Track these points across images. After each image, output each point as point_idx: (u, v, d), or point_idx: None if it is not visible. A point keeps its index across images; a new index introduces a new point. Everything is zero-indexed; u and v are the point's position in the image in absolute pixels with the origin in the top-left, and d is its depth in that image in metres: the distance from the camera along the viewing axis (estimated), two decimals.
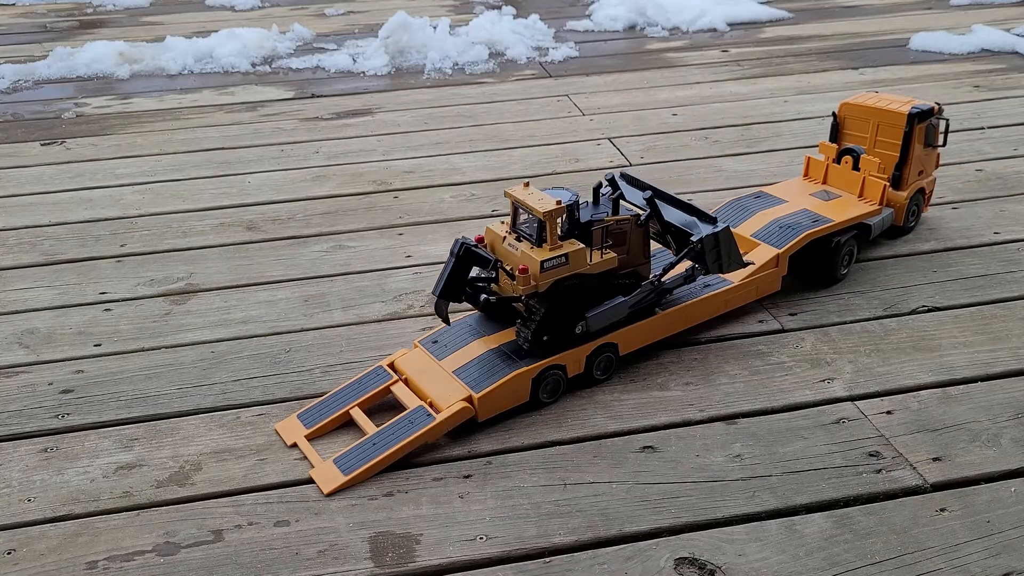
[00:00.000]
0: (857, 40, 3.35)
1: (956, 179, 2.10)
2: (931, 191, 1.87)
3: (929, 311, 1.59)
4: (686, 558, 1.09)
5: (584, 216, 1.34)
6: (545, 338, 1.31)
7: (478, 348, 1.38)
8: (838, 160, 1.77)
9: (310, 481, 1.23)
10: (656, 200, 1.43)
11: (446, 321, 1.37)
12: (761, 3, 3.87)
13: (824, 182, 1.79)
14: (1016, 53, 3.08)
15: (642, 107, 2.70)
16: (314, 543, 1.13)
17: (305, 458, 1.27)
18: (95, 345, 1.57)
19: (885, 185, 1.68)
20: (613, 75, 3.04)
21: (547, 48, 3.35)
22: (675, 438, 1.29)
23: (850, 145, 1.76)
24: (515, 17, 3.68)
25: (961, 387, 1.38)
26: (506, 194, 1.31)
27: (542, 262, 1.26)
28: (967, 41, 3.15)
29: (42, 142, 2.58)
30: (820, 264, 1.64)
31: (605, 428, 1.32)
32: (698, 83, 2.91)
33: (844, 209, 1.67)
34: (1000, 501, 1.16)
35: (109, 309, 1.69)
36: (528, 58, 3.27)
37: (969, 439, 1.27)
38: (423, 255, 1.85)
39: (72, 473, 1.26)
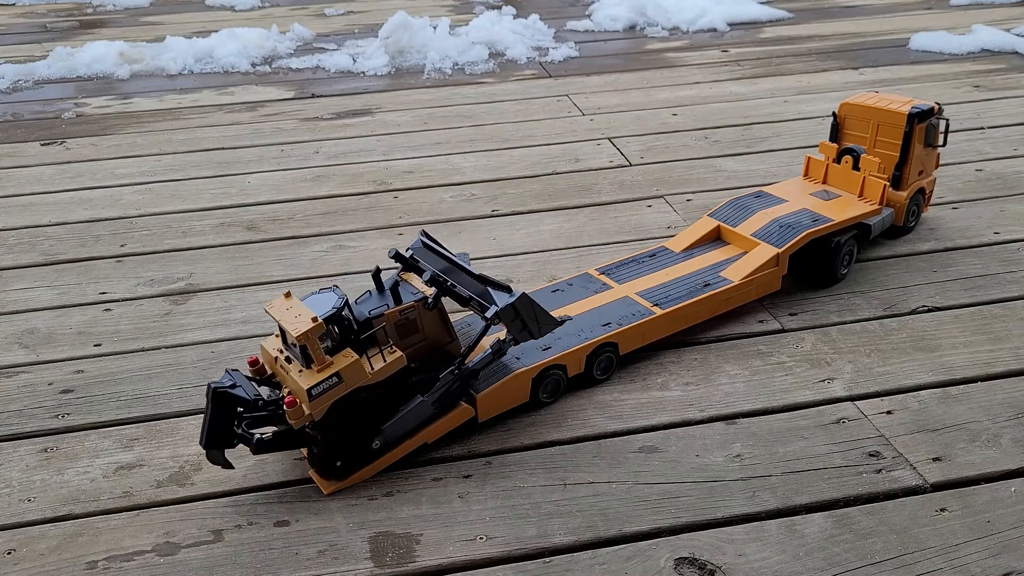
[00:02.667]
0: (857, 40, 3.35)
1: (956, 179, 2.10)
2: (931, 191, 1.87)
3: (929, 311, 1.59)
4: (686, 558, 1.09)
5: (363, 311, 1.21)
6: (339, 463, 1.19)
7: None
8: (838, 160, 1.77)
9: (310, 481, 1.23)
10: (446, 275, 1.27)
11: (227, 466, 1.18)
12: (761, 3, 3.87)
13: (824, 182, 1.79)
14: (1016, 53, 3.08)
15: (642, 107, 2.70)
16: (314, 543, 1.13)
17: (305, 458, 1.26)
18: (95, 345, 1.57)
19: (885, 185, 1.68)
20: (613, 75, 3.04)
21: (547, 48, 3.35)
22: (675, 438, 1.29)
23: (850, 145, 1.76)
24: (515, 17, 3.68)
25: (961, 387, 1.38)
26: (266, 311, 1.17)
27: (309, 390, 1.12)
28: (967, 41, 3.15)
29: (42, 142, 2.58)
30: (820, 264, 1.64)
31: (605, 428, 1.32)
32: (698, 83, 2.91)
33: (844, 209, 1.67)
34: (1000, 501, 1.16)
35: (109, 309, 1.69)
36: (528, 58, 3.27)
37: (969, 439, 1.27)
38: None
39: (72, 473, 1.26)
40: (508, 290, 1.24)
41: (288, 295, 1.18)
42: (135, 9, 4.38)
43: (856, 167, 1.73)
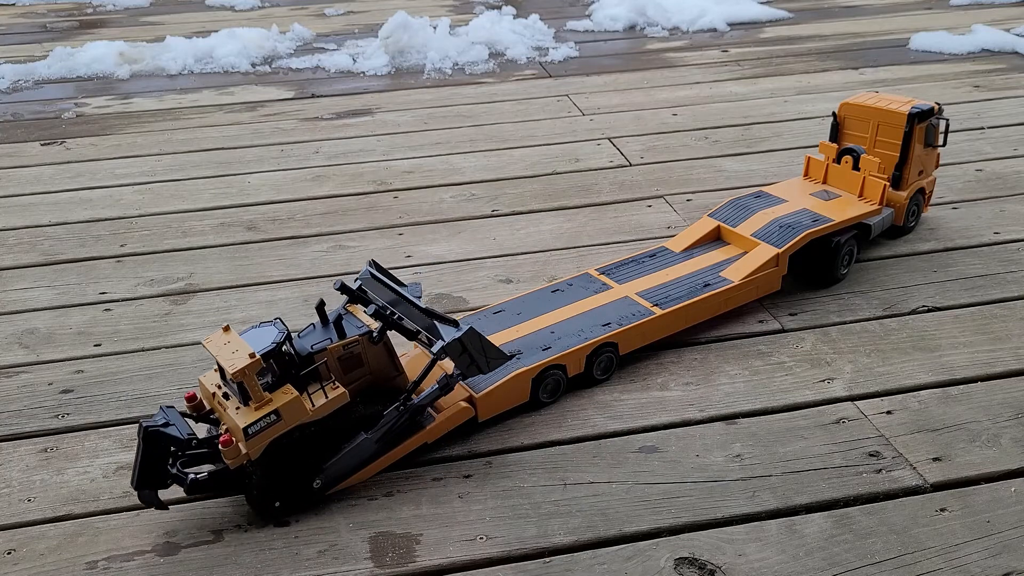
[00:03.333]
0: (857, 40, 3.35)
1: (956, 179, 2.10)
2: (931, 191, 1.87)
3: (929, 311, 1.58)
4: (686, 558, 1.09)
5: (305, 345, 1.17)
6: (278, 504, 1.15)
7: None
8: (838, 160, 1.77)
9: None
10: (392, 308, 1.24)
11: (161, 507, 1.13)
12: (761, 3, 3.87)
13: (824, 182, 1.79)
14: (1016, 53, 3.08)
15: (642, 107, 2.70)
16: (314, 543, 1.13)
17: None
18: (95, 345, 1.57)
19: (885, 185, 1.68)
20: (613, 75, 3.04)
21: (547, 48, 3.35)
22: (675, 438, 1.29)
23: (850, 145, 1.76)
24: (515, 17, 3.68)
25: (961, 387, 1.38)
26: (202, 345, 1.13)
27: (245, 428, 1.08)
28: (967, 41, 3.15)
29: (42, 142, 2.58)
30: (820, 264, 1.64)
31: (605, 428, 1.32)
32: (698, 83, 2.91)
33: (844, 209, 1.67)
34: (1000, 501, 1.16)
35: (109, 309, 1.69)
36: (528, 58, 3.27)
37: (969, 439, 1.27)
38: (423, 255, 1.85)
39: (72, 473, 1.26)
40: (455, 324, 1.21)
41: (227, 329, 1.13)
42: (135, 9, 4.38)
43: (856, 167, 1.73)
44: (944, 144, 1.84)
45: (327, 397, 1.14)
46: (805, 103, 2.67)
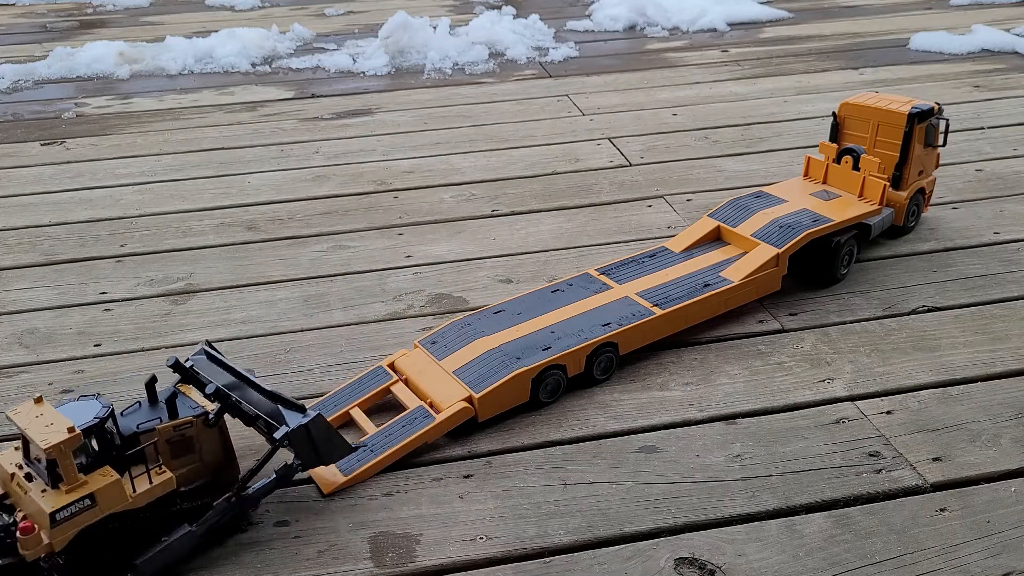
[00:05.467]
0: (857, 40, 3.35)
1: (956, 179, 2.10)
2: (931, 191, 1.87)
3: (929, 311, 1.59)
4: (686, 558, 1.09)
5: (130, 424, 1.07)
6: None
7: (478, 348, 1.38)
8: (838, 160, 1.77)
9: (310, 481, 1.23)
10: (230, 391, 1.14)
11: None
12: (761, 3, 3.87)
13: (824, 182, 1.79)
14: (1016, 53, 3.08)
15: (642, 107, 2.70)
16: (314, 543, 1.13)
17: None
18: (95, 345, 1.57)
19: (885, 185, 1.68)
20: (613, 75, 3.04)
21: (547, 48, 3.35)
22: (675, 438, 1.29)
23: (850, 145, 1.76)
24: (515, 17, 3.68)
25: (961, 387, 1.38)
26: (8, 417, 1.00)
27: (53, 514, 0.95)
28: (967, 41, 3.15)
29: (42, 142, 2.58)
30: (820, 264, 1.64)
31: (605, 428, 1.32)
32: (698, 83, 2.91)
33: (844, 209, 1.67)
34: (1000, 501, 1.16)
35: (109, 309, 1.69)
36: (528, 58, 3.27)
37: (969, 439, 1.27)
38: (423, 255, 1.85)
39: None
40: (302, 410, 1.11)
41: (39, 400, 1.01)
42: (135, 9, 4.38)
43: (856, 167, 1.73)
44: (944, 144, 1.84)
45: (151, 483, 1.02)
46: (805, 103, 2.67)
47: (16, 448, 1.04)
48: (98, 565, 1.01)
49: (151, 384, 1.11)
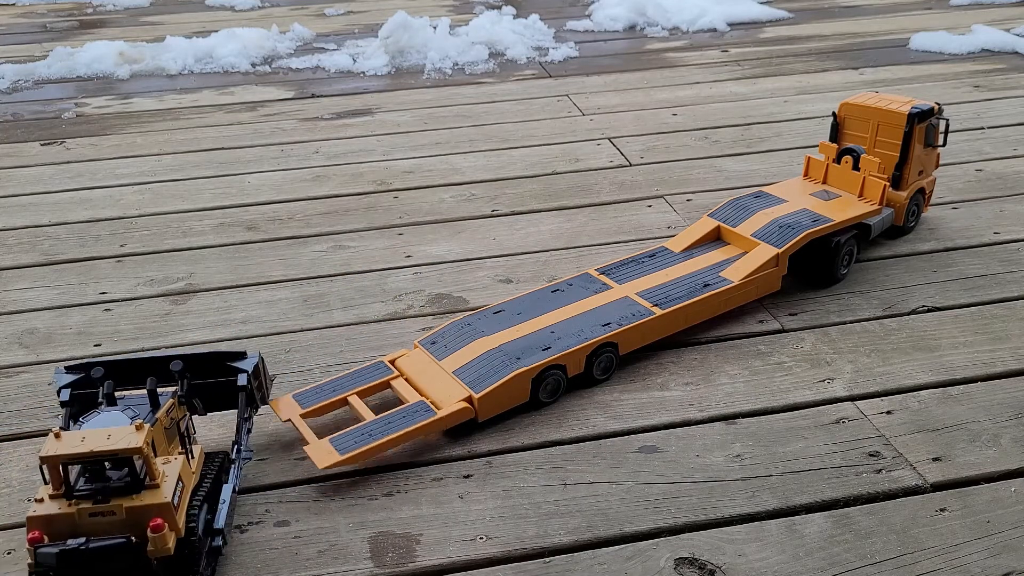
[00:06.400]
0: (857, 40, 3.35)
1: (956, 179, 2.10)
2: (931, 191, 1.87)
3: (929, 311, 1.59)
4: (686, 558, 1.09)
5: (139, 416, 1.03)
6: None
7: (478, 348, 1.38)
8: (838, 160, 1.77)
9: (310, 481, 1.23)
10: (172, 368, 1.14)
11: None
12: (761, 3, 3.87)
13: (824, 182, 1.79)
14: (1016, 53, 3.08)
15: (642, 107, 2.70)
16: (314, 543, 1.13)
17: (305, 458, 1.26)
18: (95, 345, 1.57)
19: (885, 185, 1.68)
20: (613, 75, 3.04)
21: (547, 48, 3.35)
22: (675, 438, 1.29)
23: (850, 145, 1.76)
24: (515, 17, 3.68)
25: (961, 387, 1.38)
26: (43, 460, 0.94)
27: (168, 503, 0.96)
28: (967, 41, 3.15)
29: (42, 142, 2.58)
30: (820, 264, 1.64)
31: (605, 428, 1.32)
32: (698, 83, 2.91)
33: (844, 209, 1.67)
34: (1000, 501, 1.16)
35: (109, 309, 1.69)
36: (528, 58, 3.27)
37: (969, 439, 1.27)
38: (423, 255, 1.85)
39: None
40: (243, 355, 1.18)
41: (58, 433, 0.95)
42: (135, 9, 4.38)
43: (856, 167, 1.73)
44: (944, 144, 1.84)
45: (194, 456, 1.07)
46: (805, 103, 2.67)
47: (38, 499, 0.96)
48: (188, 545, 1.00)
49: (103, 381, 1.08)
